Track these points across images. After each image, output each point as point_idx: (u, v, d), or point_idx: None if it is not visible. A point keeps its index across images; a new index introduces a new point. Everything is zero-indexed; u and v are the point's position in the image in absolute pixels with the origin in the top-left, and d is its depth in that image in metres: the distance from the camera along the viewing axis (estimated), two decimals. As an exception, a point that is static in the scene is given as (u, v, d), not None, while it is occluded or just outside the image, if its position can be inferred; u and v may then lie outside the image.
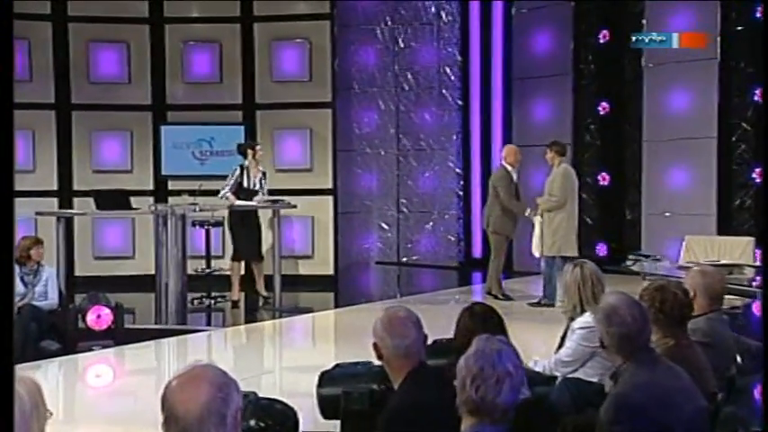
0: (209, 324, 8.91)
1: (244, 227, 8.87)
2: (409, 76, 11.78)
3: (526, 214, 8.52)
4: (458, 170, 11.86)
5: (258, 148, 8.96)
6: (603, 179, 10.88)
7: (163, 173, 10.70)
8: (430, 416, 2.64)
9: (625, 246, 10.70)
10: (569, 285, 4.22)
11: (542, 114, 11.26)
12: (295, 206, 9.11)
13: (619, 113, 10.72)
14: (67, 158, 10.57)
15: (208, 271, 9.71)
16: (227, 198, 8.75)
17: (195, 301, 9.14)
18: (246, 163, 8.84)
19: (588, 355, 4.09)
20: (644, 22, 10.34)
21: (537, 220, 8.51)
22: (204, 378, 1.84)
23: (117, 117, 10.61)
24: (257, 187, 8.90)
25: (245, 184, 8.84)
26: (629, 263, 9.89)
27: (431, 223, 12.09)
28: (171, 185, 10.73)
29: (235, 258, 9.02)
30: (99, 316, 6.96)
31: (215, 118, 10.68)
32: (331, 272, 10.61)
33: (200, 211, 8.89)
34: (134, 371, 6.78)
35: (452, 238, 11.90)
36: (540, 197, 8.56)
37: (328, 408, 3.40)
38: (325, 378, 3.54)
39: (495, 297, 8.63)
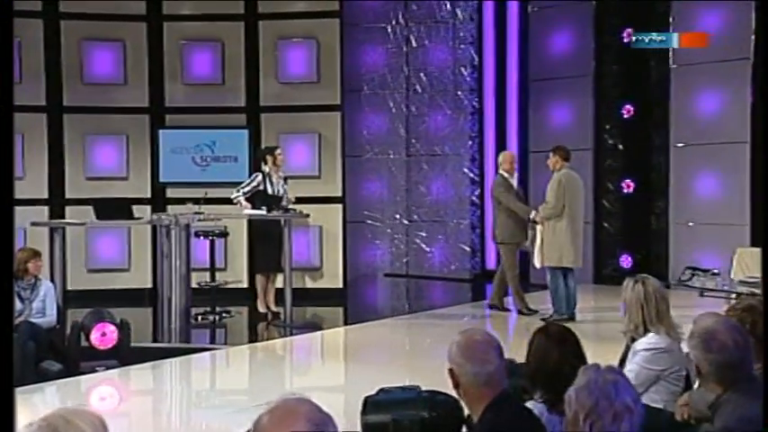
0: (213, 341, 8.74)
1: (269, 237, 8.84)
2: (422, 77, 11.63)
3: (531, 216, 8.52)
4: (472, 176, 11.71)
5: (278, 152, 8.94)
6: (628, 186, 10.77)
7: (161, 180, 10.52)
8: None
9: (651, 257, 10.58)
10: (631, 303, 4.08)
11: (561, 118, 11.14)
12: (308, 216, 8.95)
13: (644, 117, 10.61)
14: (59, 164, 10.37)
15: (212, 284, 9.51)
16: (239, 202, 8.70)
17: (199, 317, 8.97)
18: (267, 170, 8.81)
19: (653, 380, 3.96)
20: (671, 20, 10.25)
21: (538, 228, 8.48)
22: (299, 414, 1.79)
23: (112, 120, 10.43)
24: (281, 193, 8.90)
25: (270, 191, 8.83)
26: (684, 277, 9.77)
27: (443, 233, 11.93)
28: (169, 193, 10.58)
29: (261, 271, 8.99)
30: (104, 334, 6.78)
31: (217, 121, 10.52)
32: (340, 285, 10.43)
33: (205, 220, 8.71)
34: (142, 393, 6.59)
35: (466, 249, 11.75)
36: (540, 205, 8.58)
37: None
38: (370, 404, 3.37)
39: (498, 309, 8.79)
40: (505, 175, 8.86)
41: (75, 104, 10.38)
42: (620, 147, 10.80)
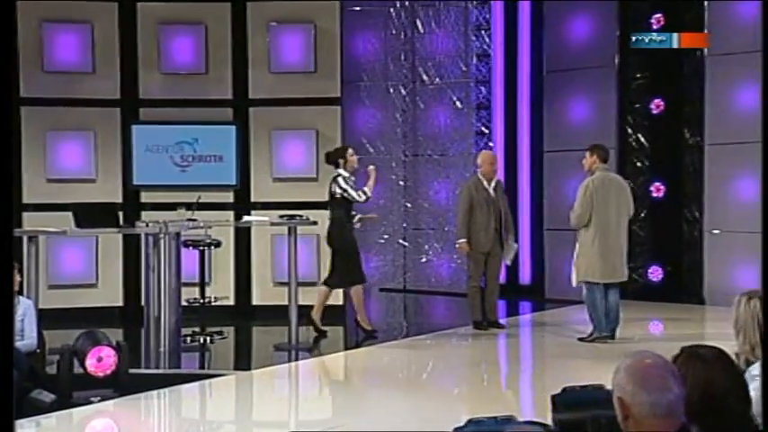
0: (204, 366, 8.38)
1: (355, 246, 8.67)
2: (429, 66, 11.41)
3: (457, 244, 8.89)
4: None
5: (350, 153, 8.72)
6: (657, 190, 10.66)
7: (134, 182, 10.10)
8: None
9: (683, 270, 10.48)
10: (745, 322, 3.87)
11: (579, 114, 11.01)
12: (315, 222, 8.61)
13: (675, 112, 10.53)
14: (16, 164, 9.84)
15: (202, 301, 9.11)
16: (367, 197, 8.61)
17: (188, 339, 8.60)
18: (346, 174, 8.57)
19: None
20: (705, 3, 10.18)
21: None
22: None
23: (78, 114, 9.99)
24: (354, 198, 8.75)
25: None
26: None
27: (444, 242, 11.70)
28: (144, 198, 10.16)
29: (361, 281, 8.71)
30: (100, 359, 6.37)
31: (199, 116, 10.15)
32: (340, 302, 10.08)
33: (199, 228, 8.37)
34: (149, 428, 6.18)
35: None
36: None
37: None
38: (560, 403, 3.27)
39: (480, 326, 8.86)
40: (480, 177, 8.85)
41: (34, 96, 9.88)
42: (648, 146, 10.69)
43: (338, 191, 8.48)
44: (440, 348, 8.34)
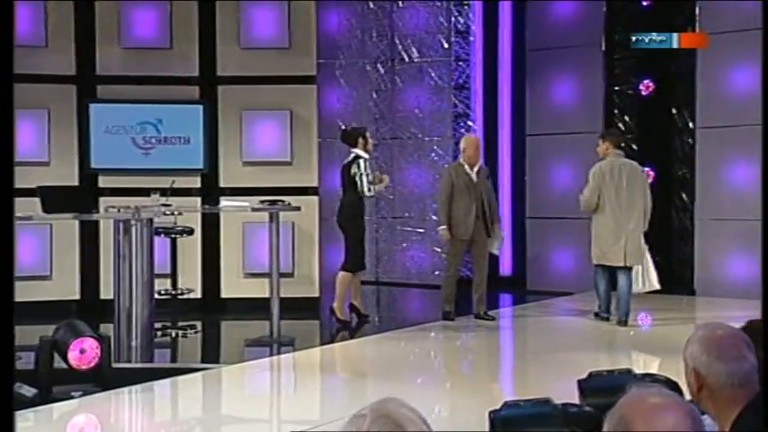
0: (174, 360, 8.37)
1: (365, 231, 9.05)
2: (409, 43, 11.46)
3: (439, 230, 9.01)
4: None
5: (369, 134, 9.07)
6: (646, 176, 10.83)
7: (92, 166, 9.97)
8: None
9: (673, 260, 10.69)
10: None
11: (564, 95, 11.17)
12: (298, 208, 8.62)
13: (665, 94, 10.72)
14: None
15: (173, 293, 9.05)
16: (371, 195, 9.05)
17: (158, 333, 8.56)
18: (366, 155, 8.89)
19: None
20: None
21: None
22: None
23: (29, 91, 9.70)
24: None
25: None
26: None
27: (420, 231, 11.77)
28: (102, 182, 10.04)
29: (359, 268, 9.05)
30: (83, 351, 6.31)
31: (163, 94, 10.06)
32: (316, 293, 10.13)
33: (170, 214, 8.32)
34: (137, 423, 6.18)
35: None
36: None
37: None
38: (498, 420, 3.39)
39: (448, 316, 8.98)
40: (462, 162, 9.01)
41: (-19, 71, 9.66)
42: (636, 129, 10.88)
43: (356, 172, 8.76)
44: (417, 341, 8.45)
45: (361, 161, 8.79)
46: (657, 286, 8.84)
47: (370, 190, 8.80)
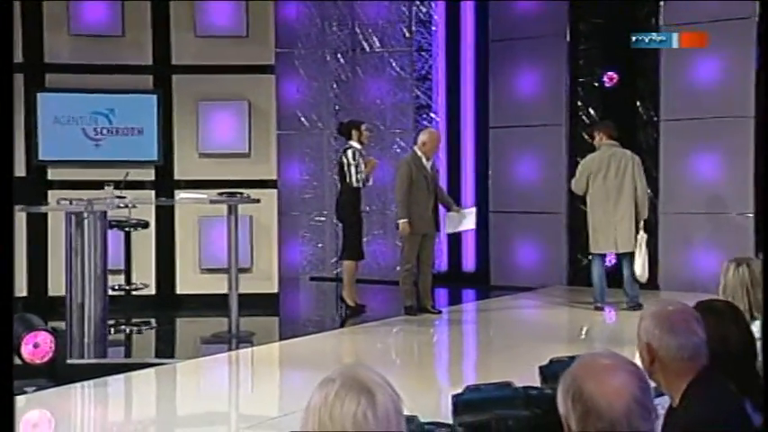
0: (128, 356, 8.35)
1: (361, 220, 9.28)
2: (370, 33, 11.45)
3: (400, 222, 8.98)
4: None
5: (364, 127, 9.30)
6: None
7: (40, 157, 9.87)
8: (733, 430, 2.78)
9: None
10: (734, 289, 4.29)
11: (527, 87, 11.22)
12: (258, 201, 8.59)
13: (629, 85, 10.82)
14: None
15: (127, 288, 8.96)
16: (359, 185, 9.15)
17: (111, 329, 8.48)
18: (359, 146, 9.13)
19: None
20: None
21: None
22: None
23: (-26, 80, 9.60)
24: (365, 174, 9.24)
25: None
26: None
27: (384, 225, 11.77)
28: (51, 175, 9.94)
29: (357, 258, 9.30)
30: (36, 345, 6.26)
31: (115, 83, 9.98)
32: (274, 289, 10.10)
33: (124, 207, 8.24)
34: (94, 420, 6.16)
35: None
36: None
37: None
38: (461, 404, 3.56)
39: (410, 311, 9.05)
40: (419, 154, 9.07)
41: None
42: (600, 121, 10.91)
43: (345, 162, 9.01)
44: (379, 335, 8.53)
45: (349, 151, 9.06)
46: (641, 276, 9.06)
47: (358, 180, 9.04)
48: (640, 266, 9.01)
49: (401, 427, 1.92)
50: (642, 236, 9.08)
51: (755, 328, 4.04)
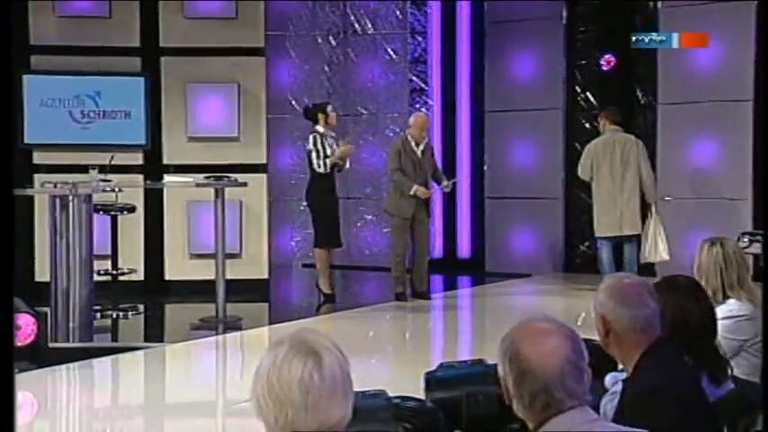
0: (115, 341, 8.42)
1: (332, 206, 9.21)
2: (362, 14, 11.44)
3: (412, 191, 8.94)
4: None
5: (330, 109, 9.20)
6: (607, 153, 10.91)
7: (25, 141, 9.83)
8: (683, 399, 2.89)
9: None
10: (708, 267, 4.41)
11: (524, 70, 11.20)
12: (245, 184, 8.59)
13: (627, 69, 10.80)
14: None
15: (114, 273, 8.98)
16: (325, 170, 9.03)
17: (98, 315, 8.53)
18: (322, 130, 9.02)
19: (736, 351, 4.24)
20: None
21: None
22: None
23: (-42, 62, 9.60)
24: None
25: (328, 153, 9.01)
26: (743, 243, 9.78)
27: (372, 212, 11.76)
28: (37, 159, 9.93)
29: (327, 245, 9.25)
30: (18, 327, 6.30)
31: (103, 65, 9.99)
32: (264, 275, 10.11)
33: (109, 191, 8.26)
34: (78, 402, 6.30)
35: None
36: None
37: (446, 414, 3.56)
38: (434, 381, 3.70)
39: (401, 297, 9.10)
40: (409, 138, 9.11)
41: None
42: (598, 105, 10.93)
43: (308, 148, 8.98)
44: (369, 321, 8.59)
45: (311, 136, 8.97)
46: (666, 257, 9.22)
47: (320, 166, 8.92)
48: (664, 248, 9.25)
49: (347, 389, 1.99)
50: (656, 218, 9.31)
51: (728, 306, 4.30)
